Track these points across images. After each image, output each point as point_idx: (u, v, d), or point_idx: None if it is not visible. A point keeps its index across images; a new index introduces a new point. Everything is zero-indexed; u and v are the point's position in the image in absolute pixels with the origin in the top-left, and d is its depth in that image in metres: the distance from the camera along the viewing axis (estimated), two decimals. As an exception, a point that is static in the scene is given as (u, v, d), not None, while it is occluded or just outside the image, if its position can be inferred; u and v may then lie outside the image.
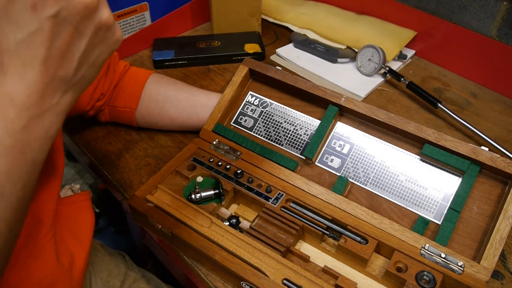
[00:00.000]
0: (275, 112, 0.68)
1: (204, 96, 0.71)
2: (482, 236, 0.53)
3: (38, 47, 0.32)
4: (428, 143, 0.58)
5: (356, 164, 0.61)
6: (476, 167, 0.56)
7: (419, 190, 0.58)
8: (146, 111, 0.70)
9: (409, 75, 0.90)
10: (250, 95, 0.70)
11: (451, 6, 0.88)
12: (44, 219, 0.50)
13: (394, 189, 0.59)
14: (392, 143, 0.61)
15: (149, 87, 0.70)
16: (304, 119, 0.66)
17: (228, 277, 0.53)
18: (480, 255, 0.51)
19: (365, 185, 0.60)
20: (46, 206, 0.51)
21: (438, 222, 0.55)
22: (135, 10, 0.94)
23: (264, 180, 0.60)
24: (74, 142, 0.74)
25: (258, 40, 0.96)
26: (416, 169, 0.59)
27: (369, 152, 0.61)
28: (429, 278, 0.49)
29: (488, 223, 0.54)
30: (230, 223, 0.56)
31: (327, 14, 1.03)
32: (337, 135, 0.64)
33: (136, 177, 0.67)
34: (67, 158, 1.29)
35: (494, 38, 0.84)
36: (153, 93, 0.70)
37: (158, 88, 0.70)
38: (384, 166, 0.60)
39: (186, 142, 0.73)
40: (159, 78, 0.72)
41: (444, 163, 0.57)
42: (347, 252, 0.53)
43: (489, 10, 0.83)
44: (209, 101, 0.70)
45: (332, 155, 0.63)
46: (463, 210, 0.55)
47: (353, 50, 0.94)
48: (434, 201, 0.57)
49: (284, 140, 0.66)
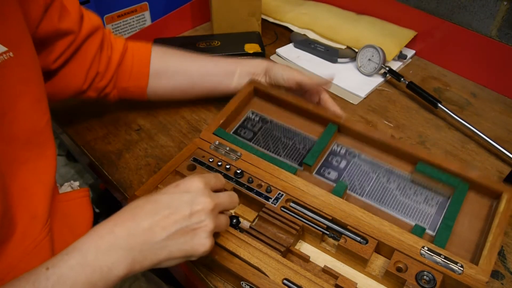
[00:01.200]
0: (275, 128, 0.70)
1: (213, 65, 0.72)
2: (476, 246, 0.55)
3: (161, 206, 0.42)
4: (421, 161, 0.61)
5: (353, 177, 0.63)
6: (465, 185, 0.59)
7: (414, 204, 0.60)
8: (158, 87, 0.71)
9: (409, 75, 0.90)
10: (251, 112, 0.73)
11: (451, 6, 0.88)
12: (39, 215, 0.50)
13: (389, 202, 0.61)
14: (387, 161, 0.64)
15: (156, 62, 0.70)
16: (304, 136, 0.69)
17: (228, 277, 0.53)
18: (477, 258, 0.52)
19: (361, 196, 0.61)
20: (40, 201, 0.50)
21: (433, 233, 0.57)
22: (135, 10, 0.94)
23: (264, 180, 0.60)
24: (74, 142, 0.74)
25: (258, 40, 0.96)
26: (410, 185, 0.62)
27: (364, 169, 0.64)
28: (429, 278, 0.49)
29: (480, 236, 0.56)
30: (230, 223, 0.56)
31: (327, 14, 1.03)
32: (335, 151, 0.67)
33: (136, 177, 0.67)
34: (67, 158, 1.29)
35: (494, 38, 0.84)
36: (162, 68, 0.70)
37: (165, 62, 0.70)
38: (379, 181, 0.62)
39: (186, 142, 0.73)
40: (163, 51, 0.72)
41: (436, 179, 0.60)
42: (347, 252, 0.53)
43: (489, 10, 0.83)
44: (217, 69, 0.71)
45: (329, 168, 0.65)
46: (456, 223, 0.57)
47: (353, 50, 0.94)
48: (428, 215, 0.59)
49: (282, 152, 0.67)
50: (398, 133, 0.76)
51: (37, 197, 0.50)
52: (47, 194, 0.51)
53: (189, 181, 0.44)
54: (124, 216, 0.42)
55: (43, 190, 0.51)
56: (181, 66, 0.71)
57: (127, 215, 0.42)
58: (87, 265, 0.38)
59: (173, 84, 0.71)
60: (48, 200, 0.51)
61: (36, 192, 0.50)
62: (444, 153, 0.73)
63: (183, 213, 0.42)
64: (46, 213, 0.51)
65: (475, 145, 0.75)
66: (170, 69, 0.70)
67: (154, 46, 0.72)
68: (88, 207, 0.60)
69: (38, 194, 0.50)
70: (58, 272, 0.38)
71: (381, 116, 0.80)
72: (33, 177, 0.51)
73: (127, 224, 0.41)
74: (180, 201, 0.43)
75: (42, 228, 0.50)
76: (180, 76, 0.71)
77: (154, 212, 0.42)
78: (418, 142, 0.75)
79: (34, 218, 0.49)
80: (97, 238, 0.40)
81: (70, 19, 0.59)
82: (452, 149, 0.74)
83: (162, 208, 0.42)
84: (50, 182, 0.52)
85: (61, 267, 0.38)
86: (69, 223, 0.57)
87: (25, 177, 0.50)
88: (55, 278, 0.37)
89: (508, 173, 0.67)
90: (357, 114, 0.80)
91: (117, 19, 0.92)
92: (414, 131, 0.77)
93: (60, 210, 0.56)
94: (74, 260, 0.38)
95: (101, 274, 0.39)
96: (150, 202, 0.43)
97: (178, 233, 0.41)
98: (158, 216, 0.41)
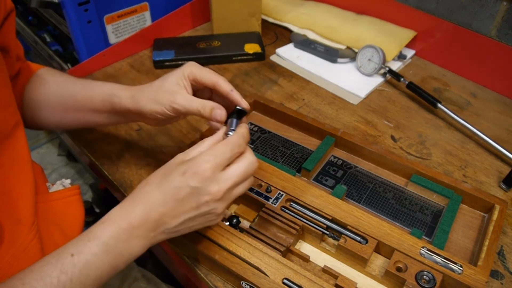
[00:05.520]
0: (273, 138, 0.72)
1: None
2: (472, 254, 0.56)
3: (168, 198, 0.43)
4: (416, 173, 0.63)
5: (350, 186, 0.65)
6: (459, 197, 0.61)
7: (409, 212, 0.61)
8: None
9: (409, 75, 0.90)
10: (249, 123, 0.74)
11: (451, 6, 0.88)
12: (23, 219, 0.49)
13: (386, 210, 0.62)
14: (383, 172, 0.67)
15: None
16: (301, 146, 0.71)
17: (228, 277, 0.53)
18: (475, 263, 0.52)
19: (358, 202, 0.62)
20: (23, 204, 0.50)
21: (429, 239, 0.58)
22: (135, 10, 0.94)
23: (264, 180, 0.60)
24: (74, 142, 0.74)
25: (258, 40, 0.96)
26: (405, 195, 0.64)
27: (361, 179, 0.66)
28: (429, 278, 0.49)
29: (475, 245, 0.57)
30: (230, 223, 0.56)
31: (327, 14, 1.03)
32: (332, 162, 0.68)
33: (136, 177, 0.67)
34: (67, 158, 1.29)
35: (494, 38, 0.84)
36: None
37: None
38: (376, 191, 0.64)
39: (186, 142, 0.73)
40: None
41: (431, 190, 0.62)
42: (347, 252, 0.53)
43: (489, 10, 0.83)
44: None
45: (326, 176, 0.66)
46: (451, 232, 0.58)
47: (353, 50, 0.94)
48: (424, 223, 0.60)
49: (281, 159, 0.68)
50: (398, 133, 0.76)
51: (18, 201, 0.49)
52: (29, 197, 0.51)
53: (196, 165, 0.43)
54: (137, 206, 0.44)
55: (24, 194, 0.50)
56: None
57: (139, 205, 0.44)
58: (109, 252, 0.42)
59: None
60: (31, 203, 0.50)
61: (16, 197, 0.49)
62: (443, 153, 0.73)
63: (190, 205, 0.44)
64: (31, 215, 0.50)
65: (475, 145, 0.75)
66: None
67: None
68: (79, 205, 0.59)
69: (20, 198, 0.50)
70: (83, 258, 0.41)
71: (381, 116, 0.80)
72: (10, 182, 0.50)
73: (140, 215, 0.43)
74: (186, 193, 0.43)
75: (28, 231, 0.49)
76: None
77: (162, 204, 0.43)
78: (418, 142, 0.75)
79: (18, 222, 0.49)
80: (116, 229, 0.43)
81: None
82: (452, 149, 0.74)
83: (169, 200, 0.43)
84: (30, 185, 0.51)
85: (86, 254, 0.41)
86: (59, 223, 0.56)
87: (2, 183, 0.49)
88: (81, 265, 0.41)
89: (507, 173, 0.67)
90: (357, 114, 0.80)
91: (117, 19, 0.92)
92: (414, 131, 0.77)
93: (49, 209, 0.55)
94: (97, 248, 0.41)
95: (122, 259, 0.43)
96: (158, 190, 0.44)
97: (189, 220, 0.45)
98: (166, 207, 0.43)
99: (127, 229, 0.43)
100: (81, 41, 0.88)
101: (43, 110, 0.61)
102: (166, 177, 0.44)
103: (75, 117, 0.60)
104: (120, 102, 0.55)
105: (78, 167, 1.30)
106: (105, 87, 0.58)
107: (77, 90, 0.59)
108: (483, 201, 0.60)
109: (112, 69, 0.91)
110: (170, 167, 0.45)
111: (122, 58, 0.93)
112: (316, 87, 0.87)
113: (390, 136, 0.76)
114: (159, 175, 0.45)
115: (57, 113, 0.61)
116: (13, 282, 0.40)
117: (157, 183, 0.44)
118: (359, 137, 0.69)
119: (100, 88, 0.58)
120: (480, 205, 0.61)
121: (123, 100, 0.55)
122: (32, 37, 1.07)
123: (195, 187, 0.43)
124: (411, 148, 0.73)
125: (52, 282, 0.39)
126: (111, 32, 0.92)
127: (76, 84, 0.60)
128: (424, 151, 0.73)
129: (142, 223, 0.43)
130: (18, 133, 0.52)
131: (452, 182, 0.62)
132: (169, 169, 0.45)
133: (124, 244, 0.43)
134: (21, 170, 0.52)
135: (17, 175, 0.51)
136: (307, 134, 0.73)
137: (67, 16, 0.84)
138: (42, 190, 0.57)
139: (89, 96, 0.58)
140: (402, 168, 0.65)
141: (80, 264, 0.41)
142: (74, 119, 0.61)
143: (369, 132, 0.76)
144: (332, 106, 0.82)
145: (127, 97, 0.55)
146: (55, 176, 1.20)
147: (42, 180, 0.60)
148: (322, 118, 0.79)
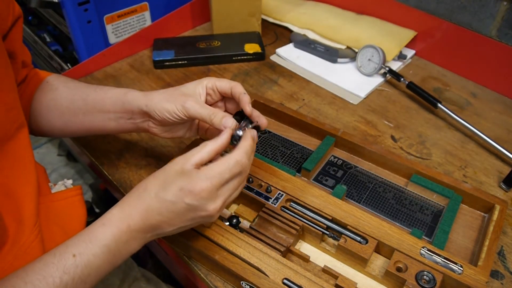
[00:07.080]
0: (273, 138, 0.72)
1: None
2: (472, 254, 0.56)
3: (165, 209, 0.44)
4: (416, 173, 0.63)
5: (350, 186, 0.65)
6: (459, 196, 0.61)
7: (409, 212, 0.61)
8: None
9: (409, 75, 0.90)
10: None
11: (451, 6, 0.88)
12: (25, 219, 0.50)
13: (386, 210, 0.62)
14: (383, 172, 0.67)
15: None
16: (301, 146, 0.71)
17: (228, 277, 0.53)
18: (475, 263, 0.52)
19: (358, 202, 0.62)
20: (25, 206, 0.50)
21: (429, 239, 0.58)
22: (135, 10, 0.94)
23: (264, 180, 0.60)
24: (74, 142, 0.74)
25: (258, 40, 0.96)
26: (406, 195, 0.64)
27: (361, 179, 0.66)
28: (429, 278, 0.49)
29: (475, 245, 0.57)
30: (230, 223, 0.56)
31: (327, 14, 1.03)
32: (332, 162, 0.68)
33: (136, 177, 0.67)
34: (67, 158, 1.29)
35: (494, 38, 0.84)
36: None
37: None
38: (376, 191, 0.64)
39: (186, 142, 0.73)
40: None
41: (431, 190, 0.62)
42: (347, 252, 0.53)
43: (489, 10, 0.83)
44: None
45: (326, 176, 0.66)
46: (451, 232, 0.58)
47: (353, 50, 0.94)
48: (424, 223, 0.60)
49: (280, 159, 0.68)
50: (398, 133, 0.76)
51: (21, 202, 0.50)
52: (31, 198, 0.51)
53: (193, 183, 0.43)
54: (135, 211, 0.45)
55: (26, 195, 0.51)
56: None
57: (138, 211, 0.45)
58: (109, 252, 0.44)
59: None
60: (33, 204, 0.51)
61: (20, 198, 0.50)
62: (444, 153, 0.73)
63: (186, 218, 0.45)
64: (33, 216, 0.50)
65: (475, 145, 0.75)
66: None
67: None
68: (81, 205, 0.59)
69: (22, 199, 0.50)
70: (85, 259, 0.42)
71: (381, 116, 0.80)
72: (14, 183, 0.50)
73: (139, 220, 0.45)
74: (182, 208, 0.44)
75: (30, 231, 0.49)
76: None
77: (159, 213, 0.45)
78: (418, 142, 0.75)
79: (20, 223, 0.49)
80: (116, 231, 0.44)
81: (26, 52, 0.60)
82: (452, 149, 0.74)
83: (165, 212, 0.45)
84: (33, 185, 0.52)
85: (87, 255, 0.42)
86: (61, 223, 0.56)
87: (4, 184, 0.49)
88: (82, 265, 0.42)
89: (508, 173, 0.67)
90: (357, 114, 0.80)
91: (117, 19, 0.92)
92: (414, 131, 0.77)
93: (51, 210, 0.56)
94: (98, 249, 0.43)
95: (121, 257, 0.45)
96: (155, 200, 0.45)
97: (184, 227, 0.47)
98: (163, 217, 0.45)
99: (127, 232, 0.44)
100: (81, 41, 0.88)
101: (50, 115, 0.62)
102: (164, 188, 0.44)
103: (83, 121, 0.60)
104: (133, 98, 0.56)
105: (78, 167, 1.30)
106: (119, 89, 0.59)
107: (88, 93, 0.60)
108: (483, 201, 0.60)
109: (112, 69, 0.91)
110: (169, 176, 0.45)
111: (122, 58, 0.93)
112: (316, 87, 0.87)
113: (390, 136, 0.76)
114: (157, 183, 0.45)
115: (64, 117, 0.61)
116: (15, 280, 0.40)
117: (155, 193, 0.45)
118: (359, 137, 0.69)
119: (114, 89, 0.59)
120: (480, 205, 0.61)
121: (136, 96, 0.56)
122: (32, 37, 1.07)
123: (191, 204, 0.44)
124: (411, 148, 0.73)
125: (54, 282, 0.40)
126: (111, 32, 0.92)
127: (89, 88, 0.61)
128: (424, 151, 0.73)
129: (140, 228, 0.45)
130: (21, 134, 0.53)
131: (452, 182, 0.62)
132: (167, 178, 0.45)
133: (123, 245, 0.45)
134: (25, 171, 0.52)
135: (21, 176, 0.51)
136: (307, 134, 0.73)
137: (67, 16, 0.84)
138: (44, 190, 0.58)
139: (101, 97, 0.59)
140: (402, 168, 0.65)
141: (82, 264, 0.42)
142: (80, 123, 0.61)
143: (369, 132, 0.76)
144: (332, 106, 0.82)
145: (141, 94, 0.56)
146: (55, 176, 1.19)
147: (45, 180, 0.60)
148: (322, 118, 0.79)
